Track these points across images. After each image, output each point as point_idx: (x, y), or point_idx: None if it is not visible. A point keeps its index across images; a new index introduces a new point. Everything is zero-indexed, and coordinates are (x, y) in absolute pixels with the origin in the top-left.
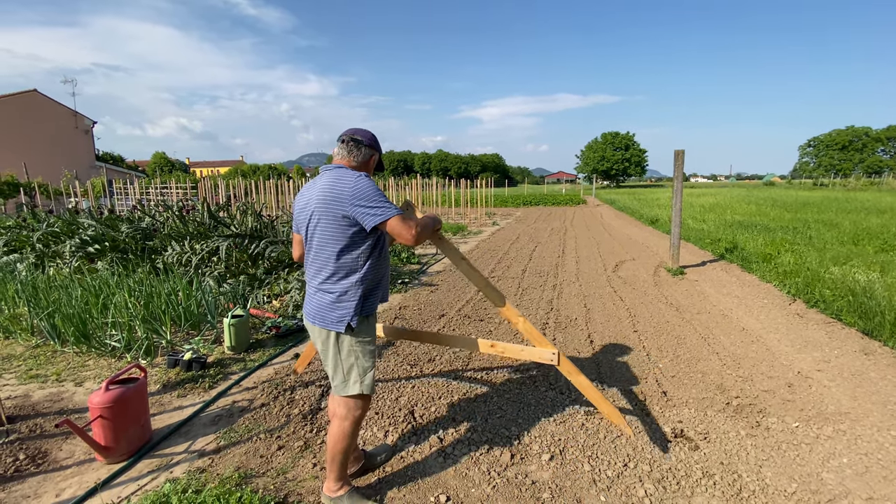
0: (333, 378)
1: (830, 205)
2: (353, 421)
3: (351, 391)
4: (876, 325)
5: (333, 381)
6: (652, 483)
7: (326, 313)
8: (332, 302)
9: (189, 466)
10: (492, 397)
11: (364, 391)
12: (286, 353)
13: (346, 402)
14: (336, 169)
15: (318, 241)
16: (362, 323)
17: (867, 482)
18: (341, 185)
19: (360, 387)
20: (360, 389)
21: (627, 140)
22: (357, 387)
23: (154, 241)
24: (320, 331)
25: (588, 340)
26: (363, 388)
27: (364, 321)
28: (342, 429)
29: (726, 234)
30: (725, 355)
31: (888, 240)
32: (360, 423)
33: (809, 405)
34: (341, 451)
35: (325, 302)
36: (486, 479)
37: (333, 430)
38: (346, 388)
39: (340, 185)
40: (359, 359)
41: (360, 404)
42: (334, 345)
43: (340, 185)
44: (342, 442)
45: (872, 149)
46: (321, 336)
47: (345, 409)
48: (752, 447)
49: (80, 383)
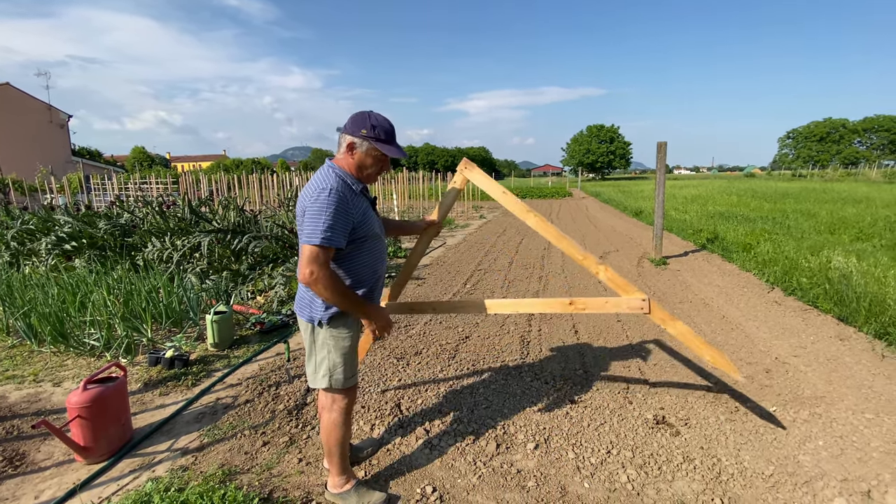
0: (307, 367)
1: (808, 195)
2: (340, 411)
3: (319, 384)
4: (851, 312)
5: (307, 370)
6: (634, 469)
7: (303, 305)
8: (308, 297)
9: (171, 465)
10: (478, 388)
11: (333, 385)
12: (270, 349)
13: (325, 394)
14: (322, 168)
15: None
16: (338, 319)
17: (842, 464)
18: (305, 191)
19: (328, 381)
20: (328, 383)
21: (612, 133)
22: (325, 380)
23: (133, 238)
24: (301, 321)
25: (573, 331)
26: (331, 382)
27: (341, 318)
28: (331, 419)
29: (708, 225)
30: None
31: (863, 229)
32: (349, 414)
33: (786, 390)
34: (336, 443)
35: (304, 294)
36: (472, 469)
37: (323, 422)
38: (314, 380)
39: (305, 191)
40: (330, 353)
41: (339, 396)
42: (311, 335)
43: (305, 191)
44: (335, 432)
45: (849, 140)
46: (302, 325)
47: (328, 400)
48: (731, 432)
49: (58, 383)
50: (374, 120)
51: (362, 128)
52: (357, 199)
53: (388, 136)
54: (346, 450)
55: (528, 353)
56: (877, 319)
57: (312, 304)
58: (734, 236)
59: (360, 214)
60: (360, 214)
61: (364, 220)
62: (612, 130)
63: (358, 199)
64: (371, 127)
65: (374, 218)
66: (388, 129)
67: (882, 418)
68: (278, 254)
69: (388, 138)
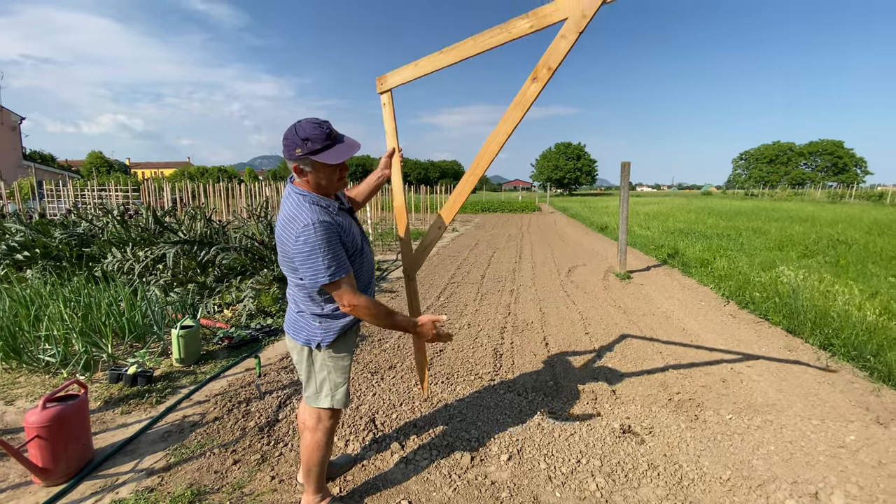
0: (306, 389)
1: (760, 213)
2: (325, 431)
3: (322, 404)
4: (798, 324)
5: (306, 391)
6: (602, 477)
7: (298, 328)
8: (304, 321)
9: (136, 486)
10: (452, 401)
11: (335, 405)
12: (239, 364)
13: (317, 412)
14: (289, 195)
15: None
16: (339, 342)
17: (792, 468)
18: (285, 226)
19: (332, 401)
20: (331, 403)
21: (579, 150)
22: (328, 400)
23: (92, 248)
24: (293, 342)
25: (544, 343)
26: (334, 402)
27: (342, 340)
28: (315, 440)
29: (668, 241)
30: (668, 354)
31: (809, 246)
32: (332, 434)
33: (741, 398)
34: (317, 463)
35: (298, 318)
36: (447, 482)
37: (306, 441)
38: (317, 400)
39: (285, 226)
40: (331, 374)
41: (329, 415)
42: (307, 357)
43: (285, 226)
44: (317, 453)
45: (796, 162)
46: (295, 347)
47: (315, 420)
48: (691, 439)
49: (10, 402)
50: (302, 132)
51: (296, 147)
52: (338, 219)
53: (324, 140)
54: (324, 468)
55: (500, 365)
56: (821, 331)
57: (310, 328)
58: (693, 252)
59: (346, 233)
60: (346, 233)
61: (350, 237)
62: (578, 148)
63: (339, 219)
64: (303, 142)
65: (356, 231)
66: (320, 135)
67: (827, 424)
68: (247, 266)
69: (325, 144)
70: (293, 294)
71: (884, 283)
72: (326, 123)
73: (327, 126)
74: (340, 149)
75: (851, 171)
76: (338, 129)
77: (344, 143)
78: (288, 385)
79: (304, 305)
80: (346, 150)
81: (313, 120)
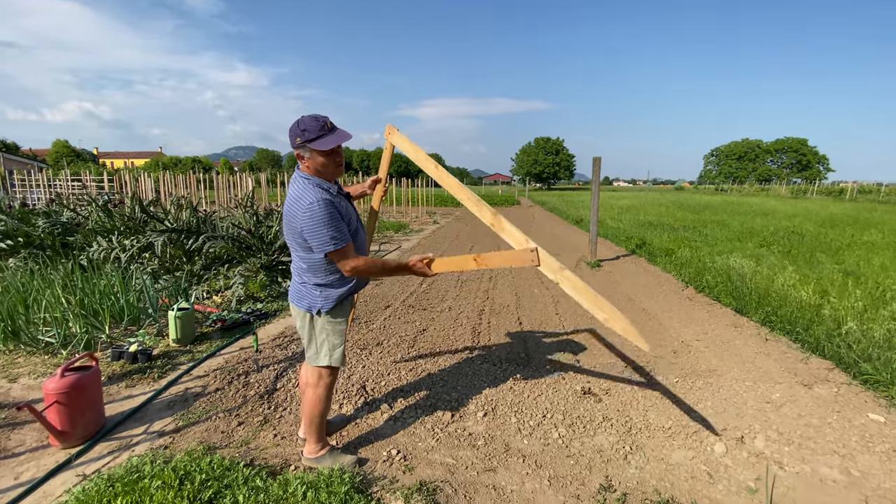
0: (307, 350)
1: (726, 207)
2: (325, 387)
3: (321, 362)
4: (745, 304)
5: (307, 352)
6: (564, 427)
7: (301, 297)
8: (306, 290)
9: (151, 445)
10: (434, 371)
11: (332, 364)
12: (234, 344)
13: (317, 371)
14: (295, 179)
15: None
16: (336, 308)
17: (724, 418)
18: (291, 206)
19: (330, 359)
20: (329, 362)
21: (558, 145)
22: (326, 359)
23: (76, 237)
24: (297, 309)
25: (518, 322)
26: (332, 360)
27: (338, 307)
28: (316, 395)
29: (638, 233)
30: None
31: (766, 237)
32: (331, 390)
33: (688, 365)
34: (318, 415)
35: (300, 287)
36: (431, 434)
37: (308, 397)
38: (317, 359)
39: (291, 205)
40: (329, 336)
41: (328, 373)
42: (309, 322)
43: (291, 205)
44: (318, 406)
45: (763, 159)
46: (298, 314)
47: (316, 377)
48: (642, 398)
49: (13, 380)
50: (301, 125)
51: (296, 137)
52: (336, 199)
53: (319, 131)
54: (324, 421)
55: (478, 341)
56: (763, 309)
57: (311, 296)
58: (659, 243)
59: (344, 213)
60: (344, 213)
61: (347, 217)
62: (557, 143)
63: (337, 200)
64: (301, 132)
65: (353, 213)
66: (315, 126)
67: (758, 385)
68: (234, 255)
69: (319, 134)
70: (297, 267)
71: (826, 270)
72: (324, 118)
73: (323, 120)
74: (331, 138)
75: (815, 167)
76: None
77: (335, 133)
78: (283, 360)
79: (307, 277)
80: (336, 138)
81: (313, 115)
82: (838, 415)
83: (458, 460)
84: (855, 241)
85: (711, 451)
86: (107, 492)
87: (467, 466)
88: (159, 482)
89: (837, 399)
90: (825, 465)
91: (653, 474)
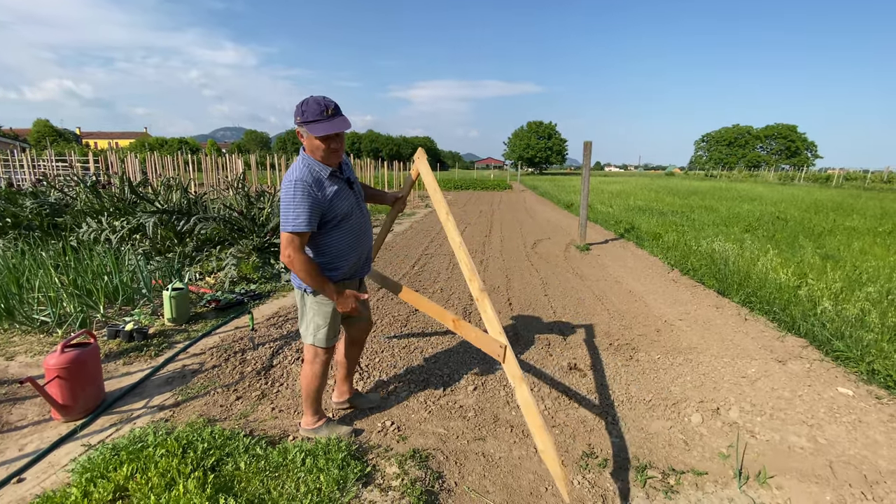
0: (300, 325)
1: (714, 193)
2: (321, 364)
3: (307, 340)
4: (727, 286)
5: (300, 328)
6: (551, 400)
7: (295, 276)
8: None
9: (151, 418)
10: (427, 349)
11: (316, 343)
12: (229, 323)
13: (313, 349)
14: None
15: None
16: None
17: (701, 391)
18: (283, 182)
19: (314, 339)
20: (313, 340)
21: (550, 129)
22: (310, 338)
23: (65, 218)
24: (294, 287)
25: (508, 303)
26: (315, 340)
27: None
28: (312, 371)
29: (627, 217)
30: (614, 311)
31: (751, 222)
32: (326, 367)
33: (669, 343)
34: (314, 390)
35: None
36: (424, 406)
37: (304, 372)
38: (305, 336)
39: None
40: (315, 316)
41: (321, 352)
42: (301, 299)
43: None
44: (313, 382)
45: (753, 145)
46: (295, 292)
47: (311, 354)
48: (624, 373)
49: (10, 357)
50: (304, 105)
51: (297, 115)
52: (325, 183)
53: (317, 115)
54: (320, 396)
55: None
56: (744, 290)
57: (297, 277)
58: (647, 227)
59: (328, 198)
60: (328, 198)
61: (334, 202)
62: (550, 127)
63: (326, 184)
64: (301, 112)
65: (346, 198)
66: (316, 110)
67: (736, 362)
68: (226, 236)
69: (317, 117)
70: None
71: (807, 253)
72: (328, 103)
73: (325, 104)
74: (326, 125)
75: (803, 154)
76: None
77: (332, 121)
78: (278, 338)
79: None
80: (330, 126)
81: (320, 98)
82: (809, 388)
83: (450, 430)
84: (837, 226)
85: (688, 422)
86: (112, 460)
87: (458, 436)
88: (163, 451)
89: (809, 374)
90: (794, 434)
91: (632, 442)
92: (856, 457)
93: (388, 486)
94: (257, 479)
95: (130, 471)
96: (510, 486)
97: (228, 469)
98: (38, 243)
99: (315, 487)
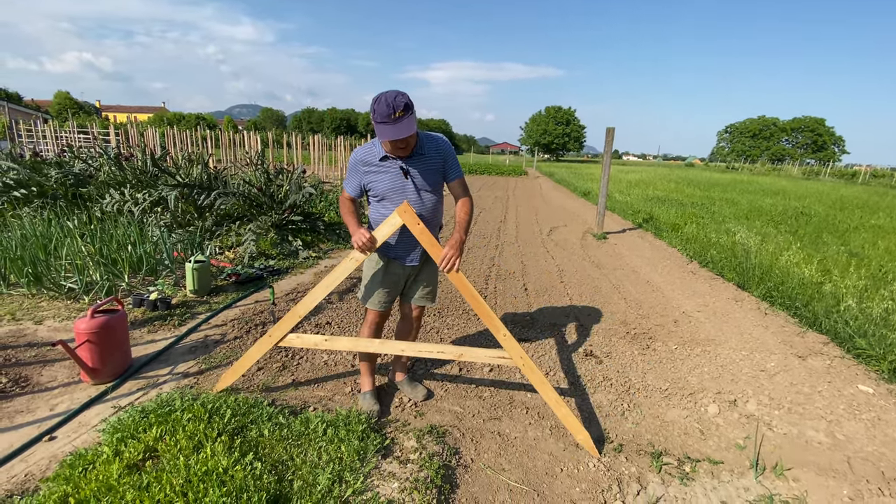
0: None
1: (735, 186)
2: (365, 324)
3: (359, 295)
4: (748, 280)
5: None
6: (567, 385)
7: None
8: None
9: (177, 384)
10: (443, 331)
11: (360, 297)
12: (249, 297)
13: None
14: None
15: None
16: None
17: (718, 383)
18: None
19: (360, 294)
20: (359, 295)
21: (569, 115)
22: (360, 294)
23: (89, 188)
24: None
25: (523, 289)
26: (360, 295)
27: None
28: (360, 330)
29: (646, 207)
30: (631, 300)
31: (773, 216)
32: (369, 329)
33: (687, 334)
34: (359, 353)
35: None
36: (440, 386)
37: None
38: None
39: None
40: (364, 275)
41: (366, 311)
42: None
43: None
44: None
45: (778, 138)
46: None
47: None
48: (641, 361)
49: (39, 322)
50: (376, 104)
51: (371, 111)
52: (373, 164)
53: (384, 117)
54: (365, 359)
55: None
56: (765, 285)
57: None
58: (666, 218)
59: (369, 176)
60: (369, 176)
61: (373, 181)
62: (568, 113)
63: (374, 165)
64: (373, 111)
65: (387, 182)
66: (384, 112)
67: (754, 355)
68: (245, 212)
69: (384, 119)
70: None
71: (831, 250)
72: (398, 105)
73: (394, 106)
74: (389, 131)
75: (829, 149)
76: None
77: (396, 126)
78: None
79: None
80: (392, 132)
81: (391, 99)
82: (829, 384)
83: (466, 409)
84: (863, 223)
85: (705, 412)
86: (142, 422)
87: (474, 415)
88: (190, 415)
89: (830, 370)
90: (812, 429)
91: (648, 429)
92: (874, 454)
93: (407, 459)
94: (280, 447)
95: (159, 433)
96: (525, 466)
97: (252, 435)
98: (64, 212)
99: (336, 457)
